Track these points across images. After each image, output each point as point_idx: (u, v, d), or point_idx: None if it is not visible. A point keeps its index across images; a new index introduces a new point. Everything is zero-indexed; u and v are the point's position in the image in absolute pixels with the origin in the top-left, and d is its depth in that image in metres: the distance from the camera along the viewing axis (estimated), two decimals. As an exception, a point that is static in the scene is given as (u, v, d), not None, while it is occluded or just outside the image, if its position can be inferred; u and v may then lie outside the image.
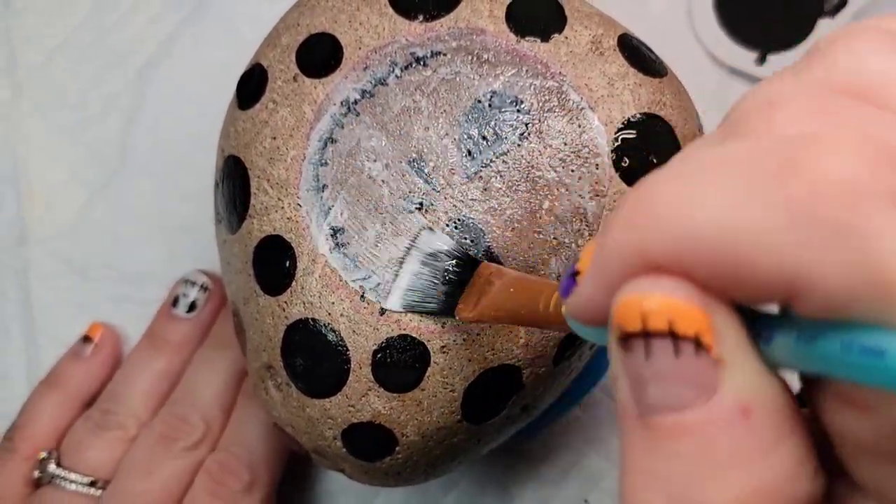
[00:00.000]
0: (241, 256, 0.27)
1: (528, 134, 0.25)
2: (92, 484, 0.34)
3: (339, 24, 0.27)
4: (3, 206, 0.41)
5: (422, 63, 0.26)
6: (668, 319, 0.13)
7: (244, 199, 0.27)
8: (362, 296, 0.25)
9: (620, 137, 0.25)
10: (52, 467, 0.34)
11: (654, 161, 0.25)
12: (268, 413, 0.28)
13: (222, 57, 0.41)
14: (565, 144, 0.25)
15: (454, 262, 0.24)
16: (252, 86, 0.28)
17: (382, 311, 0.25)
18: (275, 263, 0.26)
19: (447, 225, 0.25)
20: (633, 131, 0.25)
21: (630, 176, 0.25)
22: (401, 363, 0.24)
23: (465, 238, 0.25)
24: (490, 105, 0.25)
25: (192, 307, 0.37)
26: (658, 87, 0.26)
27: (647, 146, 0.25)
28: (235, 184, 0.27)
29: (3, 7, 0.43)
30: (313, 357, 0.25)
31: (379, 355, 0.24)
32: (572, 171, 0.25)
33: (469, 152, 0.25)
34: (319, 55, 0.27)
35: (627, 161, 0.25)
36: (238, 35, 0.42)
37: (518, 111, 0.25)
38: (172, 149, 0.41)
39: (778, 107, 0.13)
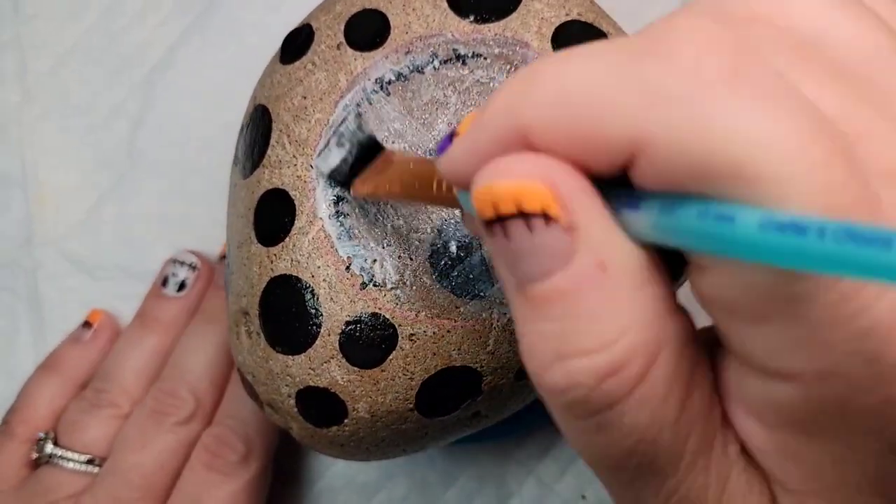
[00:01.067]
0: (246, 202, 0.27)
1: (545, 153, 0.25)
2: (89, 462, 0.34)
3: (394, 5, 0.27)
4: (12, 207, 0.43)
5: (461, 61, 0.27)
6: (515, 201, 0.14)
7: (262, 148, 0.27)
8: (348, 267, 0.25)
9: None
10: (49, 447, 0.35)
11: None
12: (234, 356, 0.28)
13: (227, 62, 0.43)
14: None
15: (360, 142, 0.24)
16: (297, 43, 0.28)
17: (363, 286, 0.25)
18: (275, 216, 0.26)
19: (449, 218, 0.25)
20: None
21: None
22: (368, 340, 0.25)
23: (459, 236, 0.25)
24: (516, 117, 0.26)
25: (181, 286, 0.38)
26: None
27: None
28: (258, 132, 0.28)
29: (12, 13, 0.44)
30: (288, 313, 0.26)
31: (349, 327, 0.25)
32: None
33: (484, 156, 0.26)
34: (367, 30, 0.27)
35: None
36: (242, 41, 0.43)
37: (540, 129, 0.26)
38: (178, 151, 0.43)
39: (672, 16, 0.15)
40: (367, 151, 0.24)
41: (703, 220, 0.13)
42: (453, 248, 0.25)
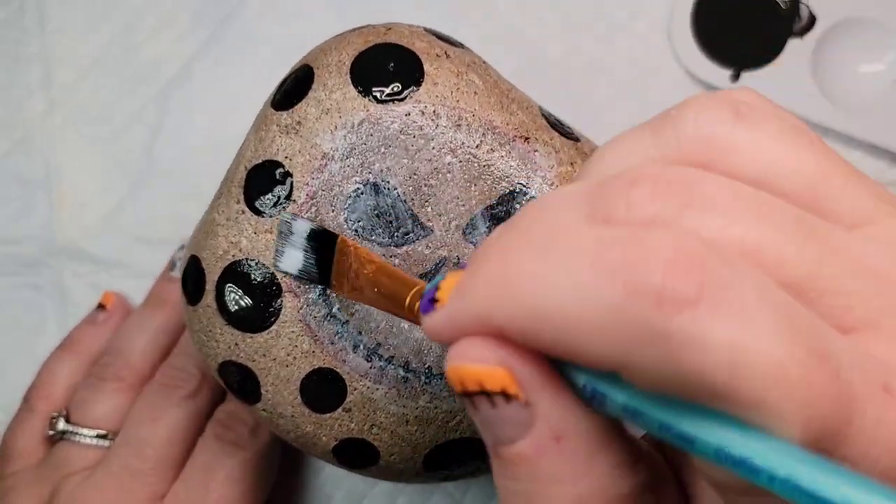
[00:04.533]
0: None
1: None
2: (100, 436, 0.36)
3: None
4: (37, 210, 0.45)
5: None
6: (478, 382, 0.16)
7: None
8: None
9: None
10: (62, 424, 0.36)
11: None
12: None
13: (240, 74, 0.44)
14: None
15: (312, 236, 0.26)
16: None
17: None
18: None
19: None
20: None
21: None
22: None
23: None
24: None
25: None
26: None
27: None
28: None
29: (38, 29, 0.46)
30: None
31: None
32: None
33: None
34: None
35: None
36: (256, 54, 0.45)
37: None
38: (193, 157, 0.44)
39: (635, 184, 0.15)
40: (324, 243, 0.26)
41: (664, 433, 0.14)
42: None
